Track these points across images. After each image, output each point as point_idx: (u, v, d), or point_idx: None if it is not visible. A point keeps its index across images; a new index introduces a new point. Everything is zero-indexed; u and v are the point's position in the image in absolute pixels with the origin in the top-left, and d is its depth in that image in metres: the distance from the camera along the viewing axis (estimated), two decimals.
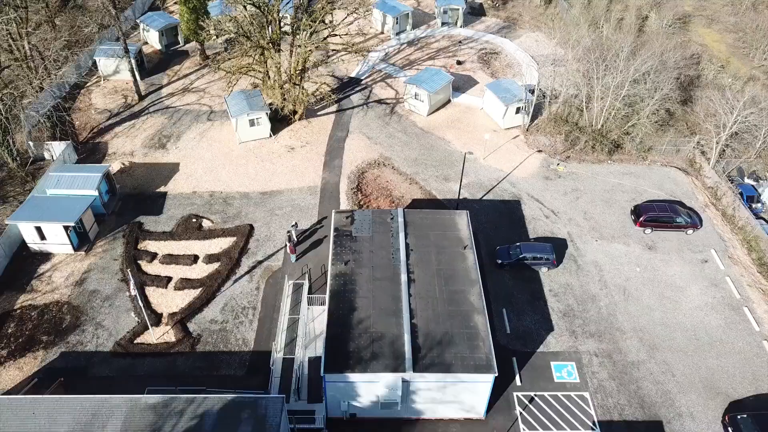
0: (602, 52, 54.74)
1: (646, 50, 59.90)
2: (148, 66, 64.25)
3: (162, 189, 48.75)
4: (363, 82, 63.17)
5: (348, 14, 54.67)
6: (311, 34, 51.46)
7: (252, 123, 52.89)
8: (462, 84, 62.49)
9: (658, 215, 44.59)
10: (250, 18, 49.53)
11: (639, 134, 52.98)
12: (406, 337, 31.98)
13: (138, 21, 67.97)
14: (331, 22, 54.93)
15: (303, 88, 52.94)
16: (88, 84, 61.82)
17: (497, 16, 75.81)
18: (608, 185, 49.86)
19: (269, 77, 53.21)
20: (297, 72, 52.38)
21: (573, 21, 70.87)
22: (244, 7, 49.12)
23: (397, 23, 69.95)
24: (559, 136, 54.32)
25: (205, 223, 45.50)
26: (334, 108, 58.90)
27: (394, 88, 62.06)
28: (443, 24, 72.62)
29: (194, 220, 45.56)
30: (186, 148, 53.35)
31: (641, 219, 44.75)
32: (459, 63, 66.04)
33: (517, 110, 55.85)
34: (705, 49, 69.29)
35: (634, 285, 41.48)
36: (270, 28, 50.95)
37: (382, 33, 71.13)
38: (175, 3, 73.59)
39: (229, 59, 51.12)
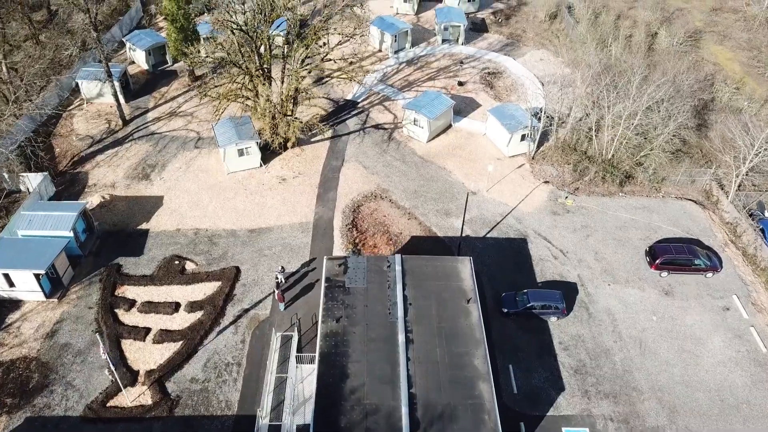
0: (613, 77, 51.62)
1: (658, 73, 56.98)
2: (134, 87, 61.20)
3: (144, 226, 45.63)
4: (360, 105, 60.08)
5: (342, 38, 51.48)
6: (303, 60, 48.36)
7: (241, 152, 49.81)
8: (463, 107, 59.40)
9: (675, 257, 41.47)
10: (239, 43, 46.43)
11: (652, 165, 49.86)
12: (404, 410, 28.84)
13: (124, 39, 64.87)
14: (325, 44, 51.78)
15: (295, 118, 49.71)
16: (70, 107, 58.76)
17: (500, 32, 72.74)
18: (620, 221, 46.73)
19: (259, 104, 50.07)
20: (288, 100, 49.20)
21: (579, 38, 67.83)
22: (232, 32, 46.01)
23: (395, 41, 66.90)
24: (567, 166, 51.20)
25: (189, 266, 42.36)
26: (329, 134, 55.84)
27: (392, 112, 58.96)
28: (444, 41, 69.57)
29: (177, 262, 42.43)
30: (171, 179, 50.24)
31: (657, 262, 41.63)
32: (460, 84, 62.97)
33: (523, 137, 52.79)
34: (718, 68, 66.22)
35: (650, 336, 38.32)
36: (259, 53, 47.78)
37: (380, 51, 68.07)
38: (165, 19, 70.58)
39: (217, 86, 47.96)
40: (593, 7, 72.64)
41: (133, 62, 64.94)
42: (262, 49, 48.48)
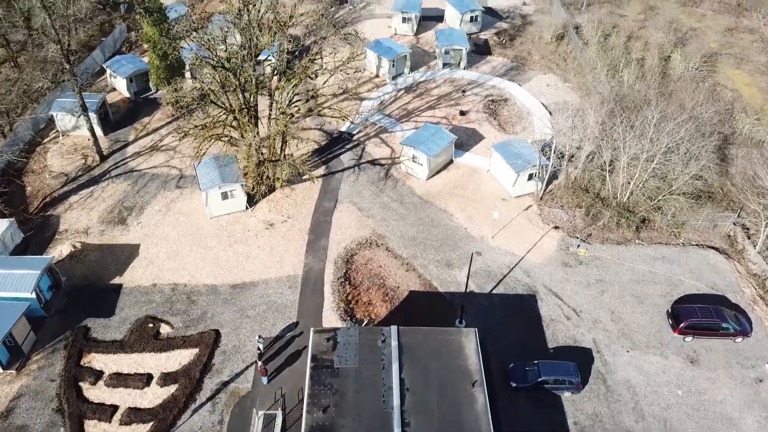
0: (627, 115, 47.68)
1: (675, 104, 53.18)
2: (114, 118, 57.29)
3: (117, 280, 41.71)
4: (355, 137, 56.19)
5: (334, 71, 47.58)
6: (290, 102, 44.41)
7: (225, 196, 45.91)
8: (465, 139, 55.49)
9: (701, 321, 37.52)
10: (220, 80, 42.55)
11: (671, 209, 45.89)
12: None
13: (104, 66, 60.95)
14: (316, 74, 47.75)
15: (284, 157, 45.63)
16: (45, 141, 54.89)
17: (504, 54, 68.81)
18: (638, 274, 42.76)
19: (245, 145, 46.12)
20: (275, 143, 45.15)
21: (589, 63, 63.91)
22: (213, 68, 42.12)
23: (393, 66, 63.00)
24: (578, 210, 47.25)
25: (164, 329, 38.41)
26: (321, 171, 51.94)
27: (389, 145, 55.05)
28: (445, 65, 65.64)
29: (151, 324, 38.49)
30: (149, 223, 46.32)
31: (681, 326, 37.67)
32: (462, 113, 59.05)
33: (530, 176, 48.90)
34: (736, 94, 62.31)
35: (675, 415, 34.34)
36: (243, 90, 43.85)
37: (377, 76, 64.17)
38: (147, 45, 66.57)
39: (197, 126, 43.95)
40: (602, 29, 68.74)
41: (114, 89, 61.10)
42: (247, 86, 44.57)
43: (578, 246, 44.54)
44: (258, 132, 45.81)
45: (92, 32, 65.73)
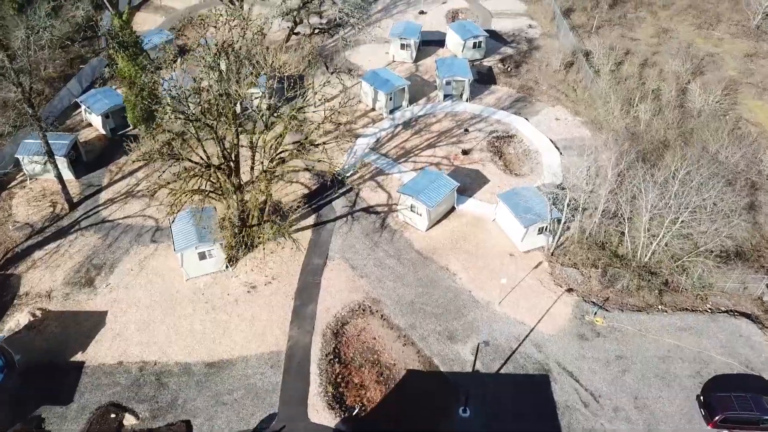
0: (646, 163, 43.25)
1: (697, 146, 48.87)
2: (88, 158, 52.89)
3: (79, 356, 37.21)
4: (349, 179, 51.71)
5: (321, 123, 42.98)
6: (273, 157, 39.90)
7: (203, 255, 41.46)
8: (469, 182, 51.05)
9: (739, 414, 32.98)
10: (194, 133, 38.10)
11: (697, 270, 41.38)
12: None
13: (78, 101, 56.48)
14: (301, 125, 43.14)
15: (267, 220, 40.92)
16: (10, 185, 50.47)
17: (509, 84, 64.32)
18: (662, 348, 38.21)
19: (226, 201, 41.65)
20: (256, 209, 40.32)
21: (601, 95, 59.41)
22: (186, 120, 37.60)
23: (390, 100, 58.54)
24: (593, 269, 42.71)
25: (128, 420, 33.89)
26: (311, 220, 47.51)
27: (386, 190, 50.59)
28: (446, 97, 61.16)
29: (113, 415, 33.98)
30: (119, 285, 41.85)
31: (716, 419, 33.11)
32: (465, 153, 54.58)
33: (540, 230, 44.44)
34: (760, 129, 57.77)
35: None
36: (223, 144, 39.35)
37: (373, 110, 59.72)
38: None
39: (170, 182, 39.30)
40: (614, 55, 64.26)
41: (90, 124, 56.69)
42: (229, 134, 40.14)
43: (595, 314, 40.00)
44: (240, 190, 41.25)
45: (62, 68, 61.07)
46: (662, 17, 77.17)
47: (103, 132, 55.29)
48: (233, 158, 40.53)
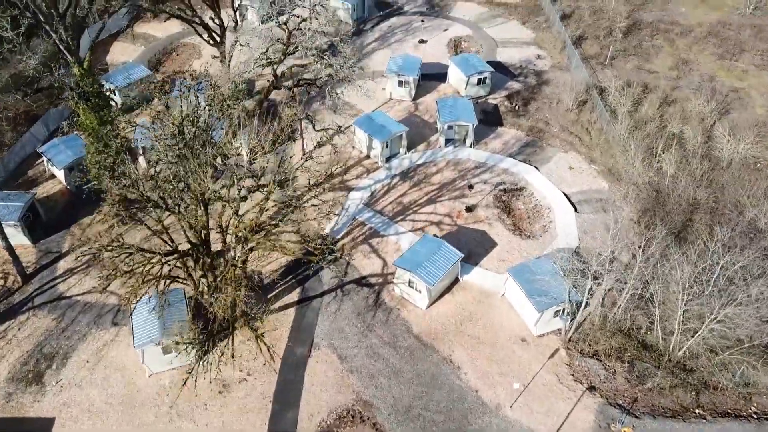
0: (676, 239, 37.71)
1: (728, 202, 43.34)
2: (48, 217, 47.33)
3: None
4: (338, 245, 46.12)
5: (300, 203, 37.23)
6: (245, 253, 34.17)
7: (167, 349, 35.86)
8: (473, 246, 45.50)
9: None
10: (157, 220, 32.53)
11: (740, 367, 35.75)
12: None
13: (39, 151, 50.88)
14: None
15: (244, 317, 34.97)
16: None
17: (517, 125, 58.66)
18: None
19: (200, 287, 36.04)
20: (224, 309, 34.33)
21: (619, 142, 53.78)
22: (143, 205, 32.00)
23: (387, 147, 52.96)
24: (619, 363, 37.05)
25: None
26: (294, 295, 41.94)
27: (381, 256, 45.03)
28: (448, 142, 55.54)
29: None
30: (72, 382, 36.29)
31: None
32: (469, 210, 48.99)
33: (556, 312, 38.87)
34: None
35: None
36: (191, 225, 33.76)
37: (368, 157, 54.12)
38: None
39: (128, 270, 33.55)
40: (631, 93, 58.59)
41: (54, 176, 51.14)
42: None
43: (622, 423, 34.31)
44: (212, 271, 35.65)
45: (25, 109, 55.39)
46: (680, 46, 71.55)
47: (68, 186, 49.76)
48: (203, 238, 34.96)
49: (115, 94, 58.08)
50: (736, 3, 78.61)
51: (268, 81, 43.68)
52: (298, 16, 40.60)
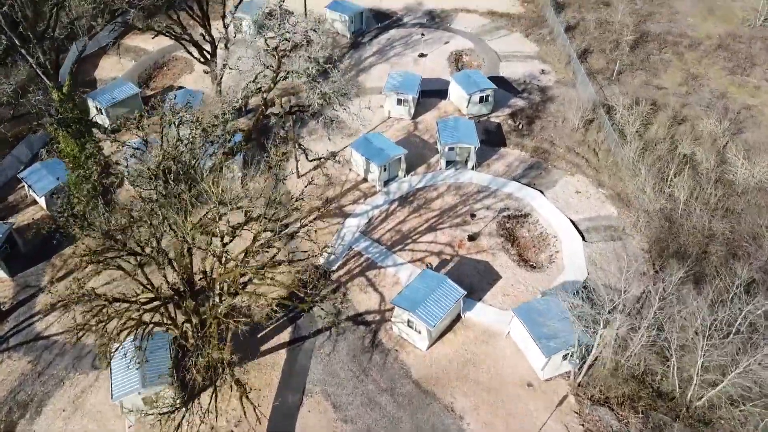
0: (697, 281, 35.29)
1: (745, 230, 40.97)
2: (27, 247, 44.91)
3: None
4: (334, 273, 43.75)
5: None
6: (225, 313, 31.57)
7: (150, 399, 33.42)
8: (477, 281, 43.11)
9: None
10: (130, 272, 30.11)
11: (763, 419, 33.31)
12: None
13: (20, 177, 48.45)
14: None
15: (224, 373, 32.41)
16: None
17: (521, 145, 56.20)
18: None
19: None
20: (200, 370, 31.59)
21: (628, 165, 51.34)
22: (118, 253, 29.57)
23: (385, 171, 50.53)
24: (632, 414, 34.60)
25: None
26: (286, 335, 39.52)
27: (378, 290, 42.64)
28: (449, 164, 53.10)
29: None
30: None
31: None
32: (471, 239, 46.58)
33: (565, 355, 36.44)
34: None
35: None
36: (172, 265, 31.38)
37: (365, 180, 51.69)
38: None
39: (102, 323, 31.16)
40: (639, 112, 56.16)
41: (35, 202, 48.73)
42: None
43: None
44: (196, 313, 33.20)
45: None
46: (689, 60, 69.10)
47: (49, 213, 47.33)
48: (185, 280, 32.53)
49: (101, 113, 55.87)
50: (746, 14, 76.21)
51: (262, 98, 41.35)
52: (288, 40, 38.21)
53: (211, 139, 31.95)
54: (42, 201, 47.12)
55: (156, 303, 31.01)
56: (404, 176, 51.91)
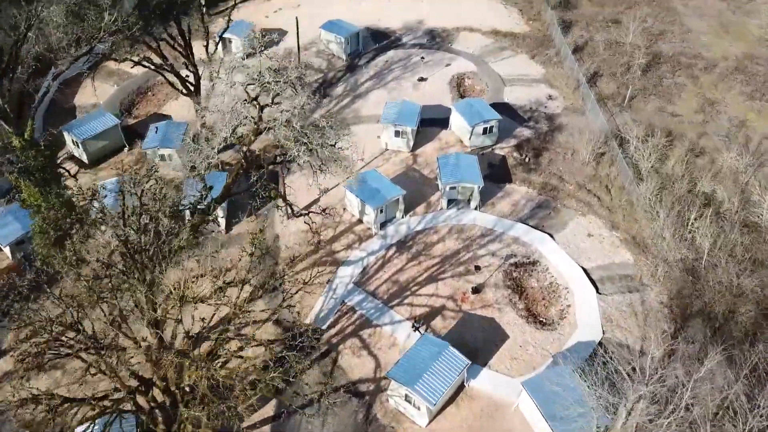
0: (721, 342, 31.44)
1: None
2: None
3: None
4: (325, 333, 39.91)
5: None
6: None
7: None
8: (482, 344, 39.34)
9: None
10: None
11: None
12: None
13: None
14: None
15: None
16: None
17: (528, 182, 52.24)
18: None
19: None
20: None
21: (644, 204, 47.49)
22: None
23: (381, 212, 46.68)
24: None
25: None
26: (270, 408, 35.61)
27: (373, 353, 38.80)
28: (450, 203, 49.25)
29: None
30: None
31: None
32: (475, 291, 42.75)
33: None
34: None
35: None
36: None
37: (360, 222, 47.83)
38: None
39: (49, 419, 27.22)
40: (654, 144, 52.24)
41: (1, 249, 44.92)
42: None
43: None
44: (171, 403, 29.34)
45: None
46: (705, 84, 65.17)
47: (13, 261, 43.50)
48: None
49: (78, 147, 52.15)
50: (763, 32, 72.25)
51: (242, 151, 37.61)
52: (268, 92, 34.36)
53: (180, 208, 28.10)
54: (6, 250, 43.27)
55: (118, 396, 27.11)
56: (402, 217, 48.06)
